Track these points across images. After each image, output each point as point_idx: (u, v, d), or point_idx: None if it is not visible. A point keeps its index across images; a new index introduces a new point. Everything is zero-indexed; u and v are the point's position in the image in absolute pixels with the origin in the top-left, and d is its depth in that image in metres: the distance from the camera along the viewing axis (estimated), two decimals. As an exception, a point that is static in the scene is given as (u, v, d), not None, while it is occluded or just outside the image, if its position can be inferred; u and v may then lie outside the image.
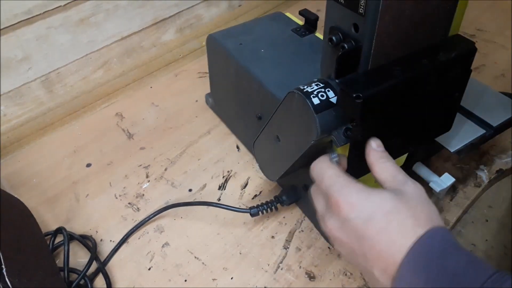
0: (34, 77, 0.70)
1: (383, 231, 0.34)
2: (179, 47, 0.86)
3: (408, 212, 0.34)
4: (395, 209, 0.34)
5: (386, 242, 0.33)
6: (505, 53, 0.82)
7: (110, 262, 0.54)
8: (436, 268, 0.31)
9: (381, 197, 0.35)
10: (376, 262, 0.34)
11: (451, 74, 0.42)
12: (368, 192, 0.36)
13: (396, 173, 0.38)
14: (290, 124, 0.45)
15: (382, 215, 0.34)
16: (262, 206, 0.55)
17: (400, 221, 0.34)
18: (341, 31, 0.39)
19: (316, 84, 0.41)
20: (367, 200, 0.35)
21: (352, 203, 0.36)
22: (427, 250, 0.32)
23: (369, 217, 0.35)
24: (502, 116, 0.56)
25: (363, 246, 0.35)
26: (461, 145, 0.53)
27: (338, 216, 0.36)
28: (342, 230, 0.36)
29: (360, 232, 0.35)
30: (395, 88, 0.39)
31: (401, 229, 0.33)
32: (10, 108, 0.69)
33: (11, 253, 0.43)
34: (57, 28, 0.69)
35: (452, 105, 0.47)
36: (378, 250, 0.34)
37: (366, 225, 0.34)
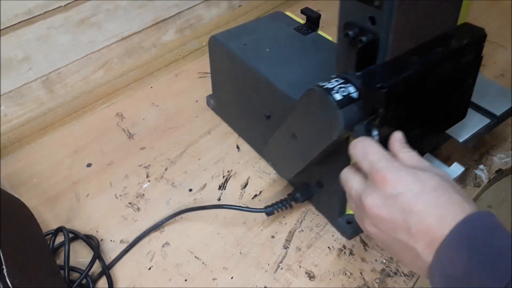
0: (35, 77, 0.70)
1: (433, 206, 0.34)
2: (180, 47, 0.86)
3: (454, 189, 0.35)
4: (442, 186, 0.35)
5: (436, 216, 0.34)
6: (505, 53, 0.83)
7: (110, 262, 0.54)
8: (479, 247, 0.31)
9: (428, 175, 0.36)
10: (422, 236, 0.34)
11: (464, 60, 0.43)
12: (415, 170, 0.37)
13: (422, 160, 0.39)
14: (309, 121, 0.45)
15: (431, 191, 0.35)
16: (277, 205, 0.56)
17: (448, 196, 0.35)
18: (356, 25, 0.40)
19: (335, 80, 0.42)
20: (415, 177, 0.36)
21: (401, 178, 0.36)
22: (472, 228, 0.33)
23: (419, 192, 0.35)
24: (504, 105, 0.58)
25: (409, 220, 0.35)
26: (468, 135, 0.55)
27: (384, 191, 0.36)
28: (384, 206, 0.36)
29: (408, 206, 0.35)
30: (415, 77, 0.40)
31: (450, 204, 0.34)
32: (10, 108, 0.69)
33: (11, 253, 0.43)
34: (58, 28, 0.69)
35: (466, 92, 0.48)
36: (427, 224, 0.34)
37: (416, 199, 0.35)
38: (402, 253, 0.37)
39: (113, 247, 0.55)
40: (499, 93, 0.61)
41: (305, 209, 0.59)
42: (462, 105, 0.50)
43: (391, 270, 0.52)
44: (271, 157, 0.56)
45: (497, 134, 0.67)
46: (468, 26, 0.45)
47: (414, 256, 0.35)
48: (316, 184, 0.55)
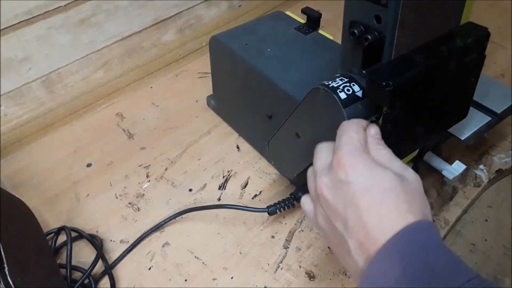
0: (35, 77, 0.70)
1: (375, 206, 0.33)
2: (180, 47, 0.86)
3: (405, 197, 0.33)
4: (393, 189, 0.34)
5: (374, 217, 0.33)
6: (504, 53, 0.83)
7: (110, 262, 0.54)
8: (415, 261, 0.30)
9: (385, 174, 0.34)
10: (356, 233, 0.33)
11: (468, 59, 0.44)
12: (375, 165, 0.35)
13: (393, 160, 0.37)
14: (313, 120, 0.45)
15: (379, 190, 0.33)
16: (279, 204, 0.56)
17: (394, 202, 0.33)
18: (362, 24, 0.40)
19: (340, 79, 0.42)
20: (371, 171, 0.35)
21: (356, 167, 0.35)
22: (410, 240, 0.31)
23: (366, 187, 0.34)
24: (504, 103, 0.58)
25: (349, 212, 0.34)
26: (470, 132, 0.55)
27: (336, 175, 0.35)
28: (333, 190, 0.35)
29: (352, 198, 0.34)
30: (420, 75, 0.40)
31: (394, 211, 0.33)
32: (10, 108, 0.69)
33: (13, 252, 0.43)
34: (58, 28, 0.69)
35: (468, 91, 0.48)
36: (363, 222, 0.33)
37: (361, 194, 0.34)
38: (338, 245, 0.36)
39: (113, 247, 0.55)
40: (500, 91, 0.61)
41: (305, 209, 0.59)
42: (464, 104, 0.50)
43: (391, 270, 0.52)
44: (273, 157, 0.56)
45: (497, 134, 0.67)
46: (472, 25, 0.45)
47: (346, 251, 0.34)
48: None
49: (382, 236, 0.32)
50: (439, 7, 0.42)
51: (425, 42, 0.42)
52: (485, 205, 0.64)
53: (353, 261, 0.34)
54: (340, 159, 0.36)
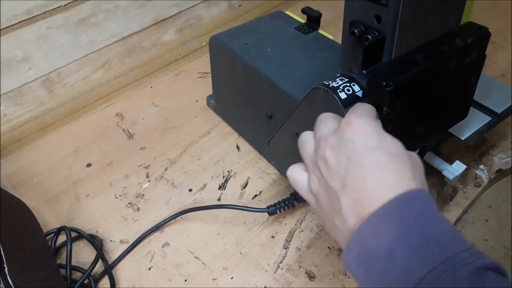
0: (34, 77, 0.70)
1: (380, 166, 0.32)
2: (179, 47, 0.86)
3: (409, 165, 0.33)
4: (400, 155, 0.33)
5: (376, 177, 0.32)
6: (505, 53, 0.83)
7: (110, 262, 0.54)
8: (413, 225, 0.30)
9: (393, 140, 0.34)
10: (352, 190, 0.32)
11: (469, 59, 0.44)
12: (384, 132, 0.35)
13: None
14: (314, 120, 0.45)
15: (386, 153, 0.33)
16: (279, 204, 0.56)
17: (400, 167, 0.32)
18: (362, 24, 0.40)
19: (340, 79, 0.42)
20: (380, 136, 0.34)
21: (365, 129, 0.34)
22: (410, 204, 0.31)
23: (373, 148, 0.33)
24: (505, 103, 0.58)
25: (350, 170, 0.33)
26: (470, 132, 0.55)
27: (342, 134, 0.35)
28: (336, 149, 0.35)
29: (356, 157, 0.33)
30: (420, 75, 0.40)
31: (397, 174, 0.32)
32: (10, 108, 0.69)
33: (12, 252, 0.43)
34: (58, 28, 0.69)
35: (469, 91, 0.48)
36: (363, 181, 0.32)
37: (367, 153, 0.33)
38: (328, 206, 0.35)
39: (113, 247, 0.55)
40: (500, 91, 0.61)
41: (305, 209, 0.59)
42: (465, 104, 0.50)
43: (391, 270, 0.52)
44: (273, 157, 0.56)
45: (497, 134, 0.67)
46: (472, 25, 0.45)
47: (337, 210, 0.33)
48: None
49: (381, 196, 0.31)
50: (439, 7, 0.42)
51: (426, 42, 0.43)
52: (485, 205, 0.64)
53: (342, 221, 0.33)
54: (351, 120, 0.35)
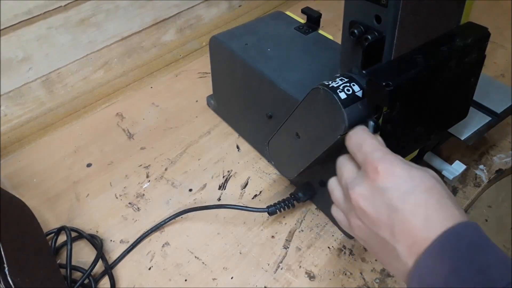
0: (35, 77, 0.70)
1: (421, 207, 0.32)
2: (179, 47, 0.87)
3: (446, 193, 0.33)
4: (435, 188, 0.33)
5: (422, 217, 0.32)
6: (504, 53, 0.83)
7: (110, 262, 0.54)
8: (464, 259, 0.30)
9: (423, 173, 0.34)
10: (404, 237, 0.33)
11: (468, 59, 0.44)
12: (410, 166, 0.35)
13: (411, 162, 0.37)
14: (313, 120, 0.45)
15: (422, 191, 0.33)
16: (279, 204, 0.56)
17: (439, 199, 0.33)
18: (362, 24, 0.40)
19: (340, 79, 0.42)
20: (410, 174, 0.34)
21: (394, 173, 0.34)
22: (458, 238, 0.31)
23: (409, 190, 0.33)
24: (504, 103, 0.58)
25: (393, 218, 0.33)
26: (470, 132, 0.55)
27: (373, 183, 0.35)
28: (371, 198, 0.35)
29: (394, 203, 0.33)
30: (420, 75, 0.40)
31: (439, 209, 0.32)
32: (10, 108, 0.69)
33: (13, 252, 0.43)
34: (58, 28, 0.69)
35: (468, 91, 0.48)
36: (411, 224, 0.32)
37: (404, 198, 0.33)
38: (382, 252, 0.36)
39: (113, 247, 0.55)
40: (500, 91, 0.61)
41: (305, 209, 0.59)
42: (465, 104, 0.50)
43: (391, 270, 0.52)
44: (273, 157, 0.56)
45: (497, 134, 0.67)
46: (472, 25, 0.45)
47: (394, 256, 0.34)
48: (319, 183, 0.55)
49: (431, 235, 0.31)
50: (439, 7, 0.42)
51: (426, 42, 0.43)
52: (485, 205, 0.64)
53: (402, 264, 0.33)
54: (377, 166, 0.35)
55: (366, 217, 0.35)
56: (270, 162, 0.64)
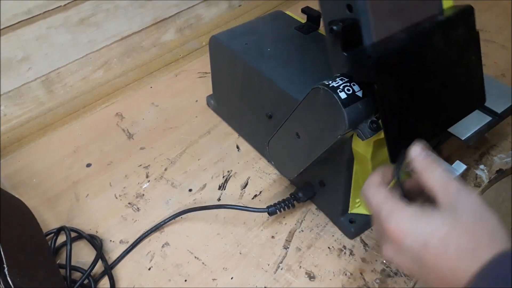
0: (34, 77, 0.70)
1: (442, 257, 0.32)
2: (179, 47, 0.86)
3: (466, 234, 0.32)
4: (450, 231, 0.33)
5: (446, 268, 0.32)
6: (505, 53, 0.82)
7: (109, 262, 0.54)
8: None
9: (434, 220, 0.34)
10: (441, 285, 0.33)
11: (455, 33, 0.44)
12: (419, 216, 0.34)
13: (447, 184, 0.35)
14: (314, 120, 0.45)
15: (438, 240, 0.33)
16: (279, 204, 0.56)
17: (458, 245, 0.32)
18: (339, 20, 0.40)
19: (340, 79, 0.42)
20: (419, 225, 0.34)
21: (403, 230, 0.34)
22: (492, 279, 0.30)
23: (424, 243, 0.33)
24: (505, 103, 0.58)
25: (423, 271, 0.34)
26: (470, 132, 0.55)
27: (392, 243, 0.36)
28: (399, 255, 0.36)
29: (417, 258, 0.34)
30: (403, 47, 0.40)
31: (461, 254, 0.32)
32: (10, 108, 0.69)
33: (12, 252, 0.43)
34: (57, 28, 0.69)
35: (474, 71, 0.47)
36: (439, 277, 0.33)
37: (423, 251, 0.33)
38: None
39: (113, 247, 0.55)
40: (500, 91, 0.61)
41: (305, 209, 0.59)
42: (475, 87, 0.47)
43: (391, 271, 0.52)
44: (273, 157, 0.56)
45: (498, 134, 0.67)
46: (454, 6, 0.45)
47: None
48: (319, 183, 0.55)
49: (461, 283, 0.32)
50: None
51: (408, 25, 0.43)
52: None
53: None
54: (387, 229, 0.35)
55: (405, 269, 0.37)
56: (270, 162, 0.64)
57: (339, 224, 0.56)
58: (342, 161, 0.49)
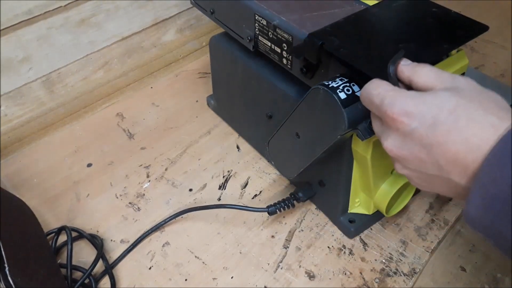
0: (35, 77, 0.70)
1: (453, 131, 0.31)
2: (180, 47, 0.87)
3: (473, 104, 0.31)
4: (457, 104, 0.32)
5: (460, 141, 0.31)
6: (504, 53, 0.83)
7: (110, 261, 0.54)
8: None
9: (439, 97, 0.33)
10: (453, 166, 0.32)
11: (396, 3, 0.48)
12: (422, 96, 0.33)
13: (439, 73, 0.35)
14: (313, 120, 0.45)
15: (446, 115, 0.31)
16: (279, 204, 0.56)
17: (468, 115, 0.31)
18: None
19: (340, 79, 0.42)
20: (425, 104, 0.33)
21: (409, 112, 0.33)
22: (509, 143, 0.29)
23: (433, 121, 0.32)
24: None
25: (434, 153, 0.32)
26: None
27: (397, 132, 0.34)
28: (404, 145, 0.34)
29: (426, 140, 0.32)
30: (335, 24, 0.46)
31: (473, 122, 0.31)
32: (11, 108, 0.69)
33: (13, 252, 0.43)
34: (58, 28, 0.69)
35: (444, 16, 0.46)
36: (453, 153, 0.31)
37: (432, 130, 0.32)
38: (441, 187, 0.35)
39: (114, 246, 0.56)
40: (500, 91, 0.60)
41: (305, 209, 0.59)
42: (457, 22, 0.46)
43: (390, 270, 0.52)
44: (273, 157, 0.56)
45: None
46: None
47: (451, 185, 0.33)
48: (319, 183, 0.55)
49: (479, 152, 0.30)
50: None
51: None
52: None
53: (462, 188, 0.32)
54: (391, 116, 0.34)
55: (410, 163, 0.35)
56: (270, 162, 0.64)
57: (339, 224, 0.56)
58: (342, 161, 0.50)
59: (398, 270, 0.52)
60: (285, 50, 0.49)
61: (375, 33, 0.46)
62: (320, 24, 0.46)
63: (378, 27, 0.46)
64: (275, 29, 0.49)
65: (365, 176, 0.51)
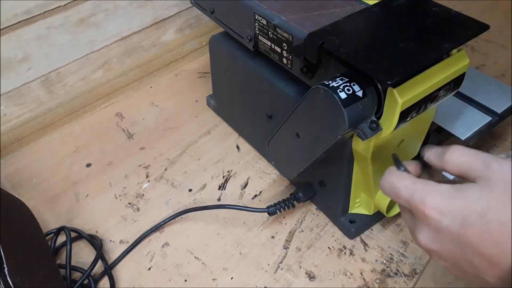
0: (34, 77, 0.70)
1: (485, 235, 0.31)
2: (179, 47, 0.86)
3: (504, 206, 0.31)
4: (488, 206, 0.31)
5: (492, 246, 0.30)
6: (505, 53, 0.83)
7: (109, 262, 0.54)
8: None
9: (469, 196, 0.32)
10: (488, 270, 0.31)
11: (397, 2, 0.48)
12: (453, 193, 0.33)
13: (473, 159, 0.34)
14: (313, 119, 0.45)
15: (477, 217, 0.31)
16: (279, 205, 0.56)
17: (499, 219, 0.30)
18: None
19: (340, 79, 0.42)
20: (455, 202, 0.32)
21: (440, 209, 0.32)
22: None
23: (463, 221, 0.31)
24: (505, 103, 0.59)
25: (467, 253, 0.32)
26: (470, 132, 0.55)
27: (429, 227, 0.34)
28: (437, 240, 0.34)
29: (458, 238, 0.32)
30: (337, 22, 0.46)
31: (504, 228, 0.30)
32: (10, 108, 0.69)
33: (12, 252, 0.43)
34: (57, 28, 0.69)
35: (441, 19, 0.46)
36: (487, 257, 0.31)
37: (464, 230, 0.31)
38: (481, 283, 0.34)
39: (113, 247, 0.55)
40: (500, 91, 0.61)
41: (305, 209, 0.59)
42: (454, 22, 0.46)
43: (391, 271, 0.52)
44: (273, 157, 0.56)
45: (498, 134, 0.67)
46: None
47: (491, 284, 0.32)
48: (319, 183, 0.55)
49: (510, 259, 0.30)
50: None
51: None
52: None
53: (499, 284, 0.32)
54: (422, 211, 0.34)
55: (444, 257, 0.34)
56: (270, 162, 0.64)
57: (339, 224, 0.56)
58: (342, 161, 0.49)
59: (398, 271, 0.52)
60: (285, 49, 0.49)
61: (376, 33, 0.46)
62: (320, 24, 0.46)
63: (379, 26, 0.46)
64: (275, 29, 0.49)
65: (365, 176, 0.50)
